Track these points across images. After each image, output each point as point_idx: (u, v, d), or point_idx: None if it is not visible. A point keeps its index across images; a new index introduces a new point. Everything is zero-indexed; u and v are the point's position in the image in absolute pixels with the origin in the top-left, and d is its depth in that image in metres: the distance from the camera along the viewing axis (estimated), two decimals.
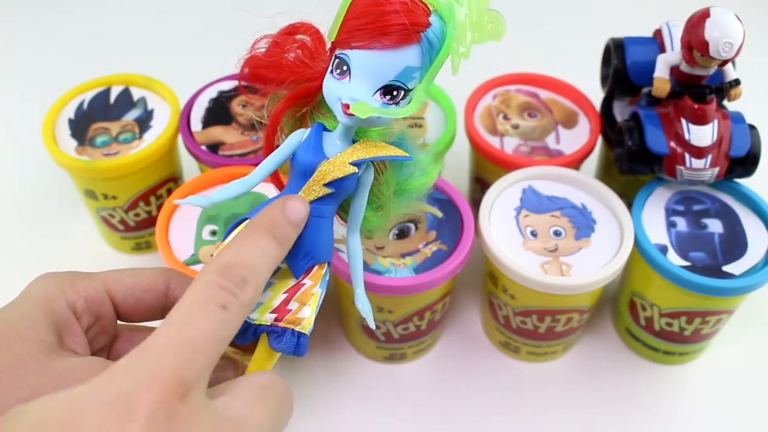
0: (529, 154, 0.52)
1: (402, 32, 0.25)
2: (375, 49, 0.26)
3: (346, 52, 0.26)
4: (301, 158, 0.29)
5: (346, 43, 0.26)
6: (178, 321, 0.22)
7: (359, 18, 0.26)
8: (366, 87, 0.27)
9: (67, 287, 0.29)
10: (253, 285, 0.25)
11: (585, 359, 0.51)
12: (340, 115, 0.27)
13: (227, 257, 0.25)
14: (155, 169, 0.52)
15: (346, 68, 0.27)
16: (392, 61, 0.26)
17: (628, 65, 0.51)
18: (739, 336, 0.52)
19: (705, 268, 0.44)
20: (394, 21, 0.25)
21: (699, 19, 0.42)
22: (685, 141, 0.45)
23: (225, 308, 0.23)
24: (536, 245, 0.45)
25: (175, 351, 0.21)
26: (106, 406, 0.20)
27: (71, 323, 0.28)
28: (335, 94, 0.27)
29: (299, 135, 0.29)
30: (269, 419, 0.23)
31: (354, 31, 0.26)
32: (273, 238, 0.26)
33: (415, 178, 0.32)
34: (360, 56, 0.26)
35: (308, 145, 0.29)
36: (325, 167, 0.28)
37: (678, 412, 0.48)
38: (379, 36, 0.26)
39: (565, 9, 0.86)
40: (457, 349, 0.51)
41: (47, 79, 0.67)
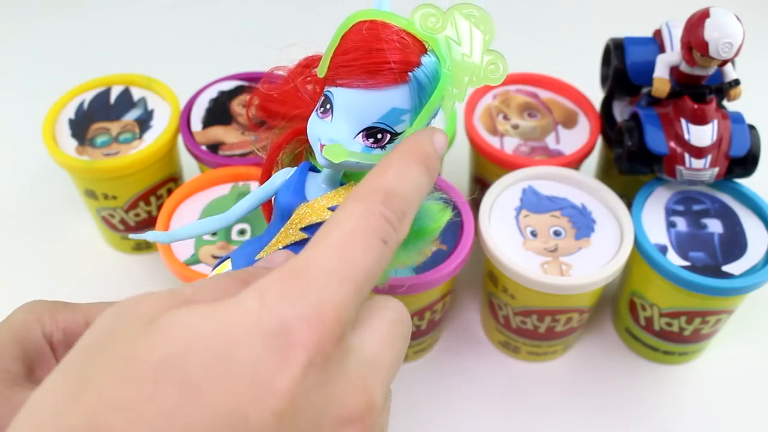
0: (529, 154, 0.52)
1: (389, 72, 0.24)
2: (358, 87, 0.24)
3: (331, 90, 0.25)
4: (281, 199, 0.27)
5: (332, 79, 0.25)
6: (338, 249, 0.20)
7: (346, 54, 0.24)
8: (347, 128, 0.25)
9: (47, 317, 0.27)
10: (409, 221, 0.22)
11: (585, 359, 0.51)
12: (318, 157, 0.26)
13: (389, 184, 0.22)
14: (155, 169, 0.52)
15: (329, 106, 0.25)
16: (377, 102, 0.24)
17: (628, 65, 0.51)
18: (738, 336, 0.52)
19: (705, 268, 0.44)
20: (381, 59, 0.24)
21: (699, 19, 0.42)
22: (685, 141, 0.45)
23: (385, 243, 0.21)
24: (536, 245, 0.45)
25: (339, 285, 0.19)
26: (262, 339, 0.17)
27: (45, 355, 0.27)
28: (316, 133, 0.26)
29: (284, 174, 0.28)
30: (395, 361, 0.21)
31: (339, 68, 0.24)
32: (426, 170, 0.23)
33: (421, 227, 0.29)
34: (344, 94, 0.25)
35: (289, 186, 0.27)
36: (303, 210, 0.27)
37: (678, 412, 0.48)
38: (364, 74, 0.24)
39: (565, 9, 0.86)
40: (457, 349, 0.51)
41: (47, 80, 0.67)
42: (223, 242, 0.44)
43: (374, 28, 0.24)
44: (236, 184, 0.48)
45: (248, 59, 0.70)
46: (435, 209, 0.30)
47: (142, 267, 0.56)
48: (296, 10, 0.84)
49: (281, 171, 0.28)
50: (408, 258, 0.30)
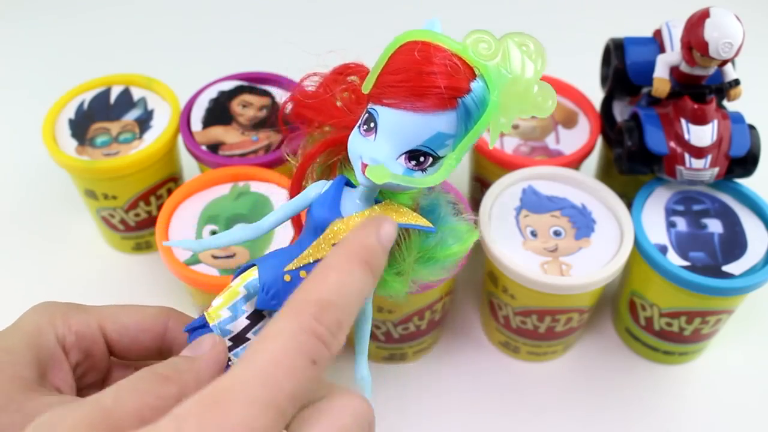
0: (529, 154, 0.52)
1: (438, 96, 0.23)
2: (406, 109, 0.24)
3: (376, 108, 0.25)
4: (316, 213, 0.27)
5: (378, 98, 0.25)
6: (262, 374, 0.19)
7: (396, 74, 0.24)
8: (391, 149, 0.25)
9: (59, 321, 0.27)
10: (345, 331, 0.21)
11: (585, 359, 0.51)
12: (359, 175, 0.26)
13: (325, 293, 0.21)
14: (155, 169, 0.52)
15: (373, 125, 0.25)
16: (423, 125, 0.24)
17: (628, 65, 0.51)
18: (739, 336, 0.52)
19: (705, 268, 0.44)
20: (430, 83, 0.23)
21: (699, 19, 0.42)
22: (685, 141, 0.45)
23: (315, 363, 0.20)
24: (536, 245, 0.45)
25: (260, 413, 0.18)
26: None
27: (58, 359, 0.27)
28: (358, 151, 0.25)
29: (319, 187, 0.27)
30: None
31: (387, 87, 0.24)
32: (369, 270, 0.22)
33: (447, 246, 0.29)
34: (389, 114, 0.24)
35: (325, 200, 0.27)
36: (338, 227, 0.26)
37: (678, 412, 0.48)
38: (412, 97, 0.24)
39: (565, 9, 0.86)
40: (457, 349, 0.51)
41: (47, 80, 0.67)
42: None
43: (426, 51, 0.24)
44: (236, 184, 0.48)
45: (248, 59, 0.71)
46: (462, 230, 0.30)
47: (142, 267, 0.56)
48: (296, 10, 0.84)
49: (316, 183, 0.28)
50: (433, 275, 0.29)
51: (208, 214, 0.46)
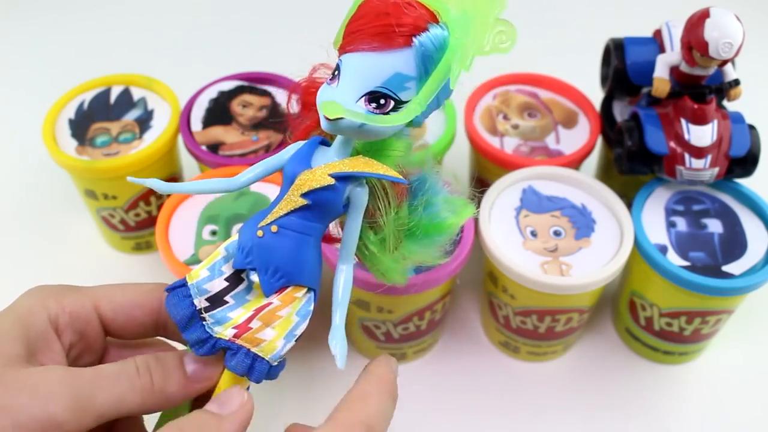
0: (529, 154, 0.52)
1: (392, 33, 0.24)
2: (364, 51, 0.24)
3: (341, 58, 0.25)
4: (288, 167, 0.27)
5: (342, 48, 0.25)
6: None
7: (356, 21, 0.25)
8: (351, 91, 0.25)
9: (52, 302, 0.28)
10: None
11: (585, 359, 0.51)
12: (322, 121, 0.26)
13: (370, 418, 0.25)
14: (155, 169, 0.52)
15: (337, 72, 0.25)
16: (380, 65, 0.24)
17: (628, 65, 0.51)
18: (739, 336, 0.52)
19: (705, 268, 0.44)
20: (385, 22, 0.24)
21: (699, 19, 0.42)
22: (685, 141, 0.45)
23: None
24: (536, 245, 0.45)
25: None
26: None
27: (49, 339, 0.27)
28: (319, 98, 0.25)
29: (295, 146, 0.28)
30: None
31: (349, 35, 0.25)
32: (394, 401, 0.27)
33: (441, 219, 0.29)
34: (350, 59, 0.25)
35: (297, 156, 0.27)
36: (305, 176, 0.26)
37: (678, 412, 0.48)
38: (368, 37, 0.24)
39: (565, 9, 0.86)
40: (457, 349, 0.51)
41: (47, 79, 0.67)
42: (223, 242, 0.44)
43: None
44: None
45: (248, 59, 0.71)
46: (457, 202, 0.30)
47: (142, 267, 0.56)
48: (297, 10, 0.84)
49: (292, 144, 0.28)
50: (427, 255, 0.29)
51: (208, 214, 0.46)
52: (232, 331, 0.27)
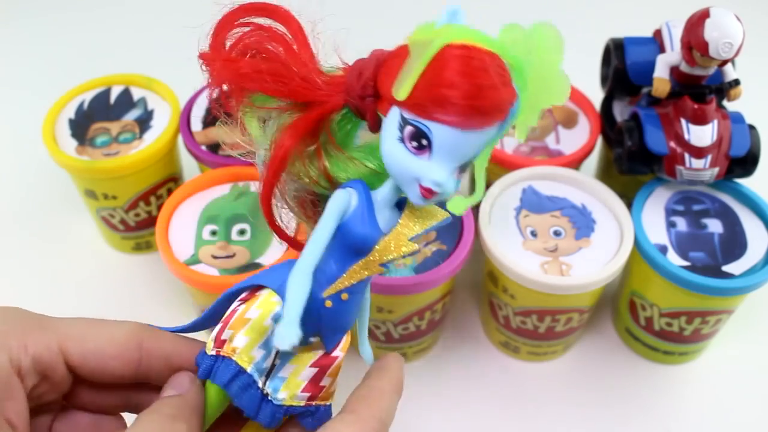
0: (529, 154, 0.52)
1: (500, 113, 0.22)
2: (465, 128, 0.22)
3: (425, 123, 0.22)
4: (358, 232, 0.24)
5: (425, 111, 0.22)
6: None
7: (451, 88, 0.21)
8: (448, 167, 0.23)
9: (14, 342, 0.24)
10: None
11: (585, 359, 0.51)
12: (414, 197, 0.24)
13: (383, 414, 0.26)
14: (155, 169, 0.52)
15: (426, 142, 0.23)
16: (479, 140, 0.23)
17: (628, 65, 0.51)
18: (738, 336, 0.52)
19: (705, 268, 0.44)
20: (492, 99, 0.22)
21: (699, 19, 0.42)
22: (685, 141, 0.45)
23: None
24: (536, 245, 0.45)
25: None
26: None
27: (12, 387, 0.24)
28: (412, 172, 0.23)
29: (345, 199, 0.25)
30: None
31: (443, 103, 0.22)
32: (399, 398, 0.28)
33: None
34: (445, 133, 0.22)
35: (362, 216, 0.24)
36: (383, 246, 0.25)
37: (678, 412, 0.48)
38: (475, 115, 0.22)
39: (564, 9, 0.86)
40: (457, 349, 0.51)
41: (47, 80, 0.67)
42: (223, 242, 0.44)
43: (476, 58, 0.22)
44: (236, 184, 0.48)
45: None
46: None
47: (142, 267, 0.56)
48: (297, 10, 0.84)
49: (339, 197, 0.25)
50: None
51: (208, 214, 0.46)
52: (303, 395, 0.26)
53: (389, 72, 0.23)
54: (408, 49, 0.23)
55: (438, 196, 0.23)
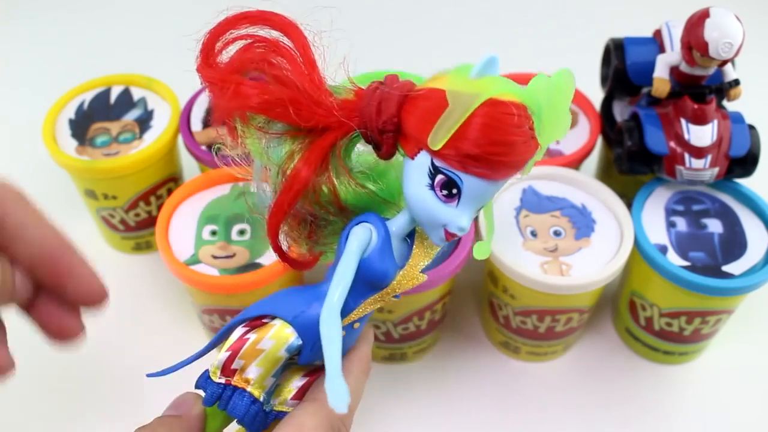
0: None
1: (525, 163, 0.23)
2: (489, 179, 0.23)
3: (457, 173, 0.23)
4: (378, 269, 0.25)
5: (459, 163, 0.23)
6: None
7: (489, 145, 0.22)
8: (469, 213, 0.24)
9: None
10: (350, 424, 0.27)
11: (585, 359, 0.51)
12: (437, 240, 0.25)
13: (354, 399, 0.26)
14: (155, 170, 0.52)
15: (456, 192, 0.24)
16: (500, 186, 0.24)
17: (627, 65, 0.51)
18: (739, 336, 0.52)
19: (705, 268, 0.44)
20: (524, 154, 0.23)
21: (699, 19, 0.42)
22: (685, 141, 0.45)
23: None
24: (536, 245, 0.45)
25: None
26: None
27: None
28: (440, 218, 0.24)
29: (366, 236, 0.25)
30: None
31: (479, 157, 0.23)
32: (367, 377, 0.28)
33: None
34: (476, 184, 0.23)
35: (383, 252, 0.25)
36: (401, 278, 0.26)
37: (678, 412, 0.48)
38: (508, 168, 0.23)
39: (564, 9, 0.86)
40: (457, 349, 0.51)
41: (47, 80, 0.67)
42: (223, 242, 0.44)
43: (511, 114, 0.23)
44: (236, 184, 0.48)
45: None
46: None
47: (142, 267, 0.56)
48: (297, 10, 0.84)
49: (361, 232, 0.25)
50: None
51: (208, 214, 0.46)
52: (292, 402, 0.27)
53: (418, 114, 0.24)
54: (441, 96, 0.23)
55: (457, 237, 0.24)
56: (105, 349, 0.50)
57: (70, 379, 0.49)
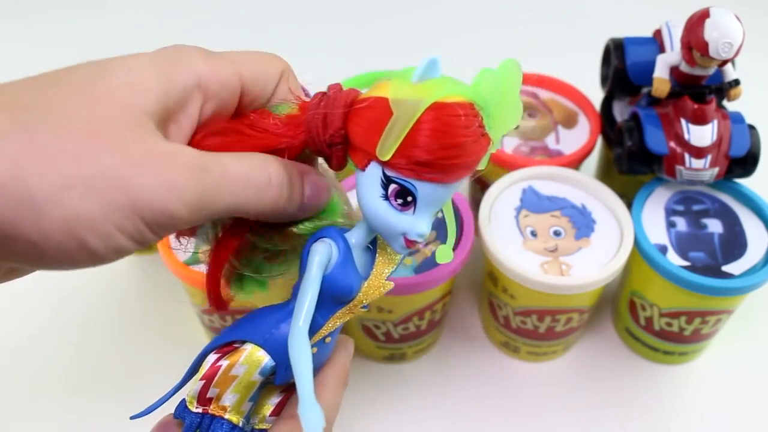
0: (529, 154, 0.52)
1: (471, 168, 0.23)
2: (441, 183, 0.23)
3: (411, 182, 0.23)
4: (343, 285, 0.25)
5: (411, 171, 0.23)
6: None
7: (438, 149, 0.22)
8: (428, 218, 0.24)
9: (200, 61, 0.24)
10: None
11: (585, 359, 0.51)
12: (398, 248, 0.25)
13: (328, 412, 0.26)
14: None
15: (411, 199, 0.23)
16: (453, 190, 0.24)
17: (627, 65, 0.51)
18: (738, 336, 0.52)
19: (705, 268, 0.44)
20: (473, 155, 0.23)
21: (699, 19, 0.42)
22: (685, 141, 0.45)
23: None
24: (536, 245, 0.45)
25: None
26: None
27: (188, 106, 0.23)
28: (398, 227, 0.24)
29: (327, 253, 0.25)
30: None
31: (430, 163, 0.22)
32: (345, 388, 0.28)
33: None
34: (430, 189, 0.23)
35: (345, 266, 0.25)
36: (367, 289, 0.26)
37: (678, 412, 0.48)
38: (461, 170, 0.23)
39: (565, 9, 0.86)
40: (457, 349, 0.51)
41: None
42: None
43: (457, 116, 0.22)
44: None
45: None
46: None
47: (143, 267, 0.56)
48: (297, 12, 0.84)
49: (320, 249, 0.25)
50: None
51: None
52: (270, 418, 0.27)
53: (364, 125, 0.23)
54: (385, 104, 0.23)
55: (419, 244, 0.24)
56: (105, 348, 0.50)
57: (69, 378, 0.49)
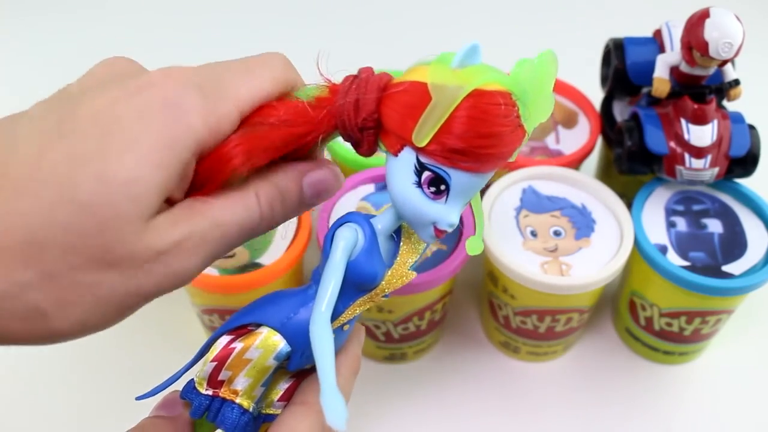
0: (529, 154, 0.52)
1: (513, 152, 0.23)
2: (476, 173, 0.23)
3: (445, 169, 0.22)
4: (367, 272, 0.24)
5: (446, 158, 0.22)
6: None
7: (476, 139, 0.22)
8: (459, 208, 0.24)
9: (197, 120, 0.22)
10: None
11: (585, 359, 0.51)
12: (426, 237, 0.24)
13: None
14: None
15: (444, 188, 0.23)
16: (484, 180, 0.24)
17: (627, 65, 0.51)
18: (738, 336, 0.52)
19: (705, 268, 0.44)
20: (510, 145, 0.22)
21: (699, 19, 0.42)
22: (685, 141, 0.45)
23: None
24: (536, 245, 0.45)
25: None
26: None
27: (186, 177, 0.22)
28: (429, 216, 0.23)
29: (353, 238, 0.24)
30: None
31: (466, 151, 0.22)
32: (356, 376, 0.28)
33: None
34: (463, 178, 0.23)
35: (371, 253, 0.24)
36: (390, 277, 0.25)
37: (678, 412, 0.48)
38: (496, 160, 0.22)
39: (565, 9, 0.86)
40: (457, 349, 0.51)
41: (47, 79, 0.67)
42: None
43: (496, 104, 0.22)
44: None
45: None
46: None
47: None
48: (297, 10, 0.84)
49: (347, 234, 0.24)
50: None
51: None
52: (279, 404, 0.26)
53: (400, 110, 0.23)
54: (423, 89, 0.22)
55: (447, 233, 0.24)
56: (104, 348, 0.50)
57: (69, 378, 0.49)
